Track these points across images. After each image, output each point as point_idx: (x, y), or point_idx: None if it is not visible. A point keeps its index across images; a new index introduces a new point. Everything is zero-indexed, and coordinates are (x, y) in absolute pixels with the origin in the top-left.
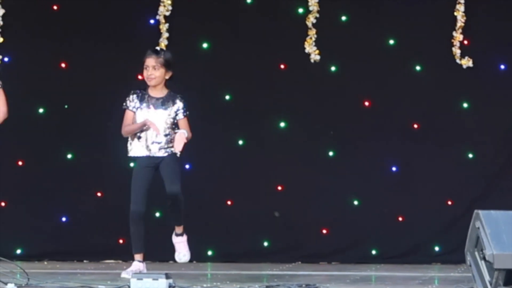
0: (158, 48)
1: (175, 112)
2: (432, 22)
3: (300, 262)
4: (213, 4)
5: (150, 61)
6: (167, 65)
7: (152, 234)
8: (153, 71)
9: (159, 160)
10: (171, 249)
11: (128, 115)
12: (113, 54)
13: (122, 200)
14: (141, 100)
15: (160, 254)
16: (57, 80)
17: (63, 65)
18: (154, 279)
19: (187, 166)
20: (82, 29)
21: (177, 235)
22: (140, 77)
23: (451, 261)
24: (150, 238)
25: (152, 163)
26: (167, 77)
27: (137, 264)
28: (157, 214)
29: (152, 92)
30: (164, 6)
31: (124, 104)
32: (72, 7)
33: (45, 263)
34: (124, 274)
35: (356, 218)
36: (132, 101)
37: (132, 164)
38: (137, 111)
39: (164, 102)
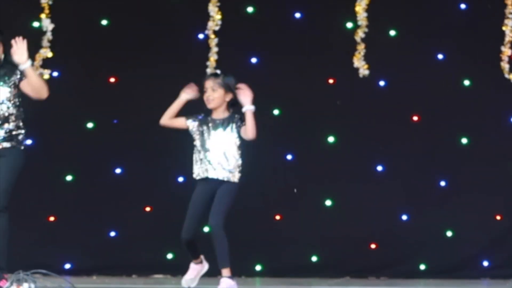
0: (217, 71)
1: (236, 127)
2: (480, 37)
3: (348, 277)
4: (262, 18)
5: (209, 83)
6: (226, 86)
7: (200, 249)
8: (212, 93)
9: (218, 183)
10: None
11: (180, 118)
12: (162, 68)
13: (171, 214)
14: (202, 123)
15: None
16: (106, 95)
17: (112, 79)
18: None
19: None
20: (131, 44)
21: (222, 276)
22: None
23: (500, 276)
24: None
25: (210, 186)
26: (227, 99)
27: (193, 266)
28: (206, 229)
29: (214, 115)
30: (213, 21)
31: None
32: (121, 22)
33: (94, 278)
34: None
35: (405, 232)
36: (193, 120)
37: (181, 179)
38: (198, 135)
39: (224, 123)
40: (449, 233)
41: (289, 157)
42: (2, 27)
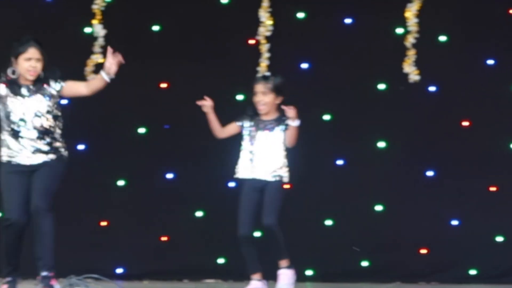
0: (267, 73)
1: (283, 130)
2: None
3: (399, 282)
4: (313, 24)
5: (259, 87)
6: (276, 90)
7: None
8: (262, 97)
9: (265, 183)
10: (271, 268)
11: (231, 124)
12: (213, 74)
13: (222, 219)
14: (251, 122)
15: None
16: (157, 100)
17: (163, 85)
18: None
19: (287, 186)
20: (181, 49)
21: (280, 268)
22: (238, 97)
23: None
24: None
25: (257, 186)
26: (277, 102)
27: (255, 283)
28: (257, 234)
29: (263, 116)
30: (264, 26)
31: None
32: (172, 28)
33: (145, 282)
34: None
35: (455, 237)
36: (243, 120)
37: (233, 184)
38: (247, 134)
39: (273, 124)
40: (499, 238)
41: (339, 162)
42: (54, 33)
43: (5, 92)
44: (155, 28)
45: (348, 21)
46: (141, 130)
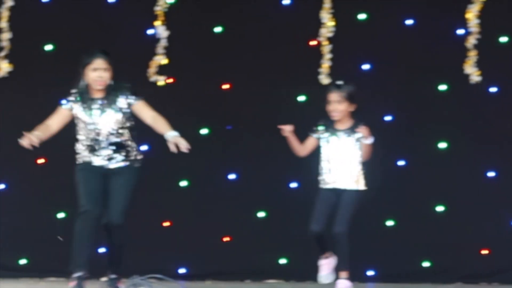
0: (340, 82)
1: (357, 139)
2: None
3: (460, 283)
4: (375, 25)
5: (333, 96)
6: (349, 98)
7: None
8: (337, 106)
9: (342, 190)
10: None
11: (308, 139)
12: (274, 75)
13: (284, 220)
14: (326, 132)
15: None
16: (220, 101)
17: (226, 86)
18: None
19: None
20: (244, 50)
21: (339, 278)
22: (299, 98)
23: None
24: (309, 259)
25: (336, 193)
26: (351, 110)
27: (325, 261)
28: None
29: (337, 124)
30: (326, 28)
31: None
32: (234, 29)
33: (208, 282)
34: None
35: None
36: (318, 133)
37: (295, 185)
38: (323, 145)
39: (348, 133)
40: None
41: (401, 163)
42: (117, 34)
43: (79, 112)
44: (217, 29)
45: (409, 22)
46: (204, 131)
